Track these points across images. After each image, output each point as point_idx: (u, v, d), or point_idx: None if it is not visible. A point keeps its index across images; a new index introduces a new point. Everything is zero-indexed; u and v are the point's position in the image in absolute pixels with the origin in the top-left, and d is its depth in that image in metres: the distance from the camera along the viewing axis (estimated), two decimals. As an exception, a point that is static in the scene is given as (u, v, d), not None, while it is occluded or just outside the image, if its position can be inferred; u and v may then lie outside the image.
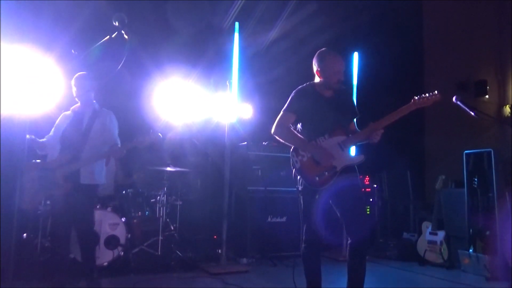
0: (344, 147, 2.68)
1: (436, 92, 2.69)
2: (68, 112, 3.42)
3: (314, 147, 2.67)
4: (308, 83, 2.86)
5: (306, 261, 2.80)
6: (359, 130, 2.83)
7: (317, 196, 2.66)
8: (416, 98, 2.73)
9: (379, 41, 6.24)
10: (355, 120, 2.95)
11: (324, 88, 2.79)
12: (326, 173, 2.63)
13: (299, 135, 2.75)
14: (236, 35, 4.78)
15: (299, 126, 2.79)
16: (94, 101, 3.39)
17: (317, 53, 2.84)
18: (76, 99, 3.33)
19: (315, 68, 2.81)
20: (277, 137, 2.76)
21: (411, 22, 6.97)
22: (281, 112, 2.77)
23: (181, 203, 4.57)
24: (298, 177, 2.76)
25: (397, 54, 6.19)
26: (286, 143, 2.77)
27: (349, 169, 2.70)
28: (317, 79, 2.83)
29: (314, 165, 2.66)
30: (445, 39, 6.92)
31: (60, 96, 3.65)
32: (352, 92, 2.87)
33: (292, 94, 2.81)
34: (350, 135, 2.74)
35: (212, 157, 5.07)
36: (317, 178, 2.64)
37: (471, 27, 6.84)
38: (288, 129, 2.75)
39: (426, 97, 2.74)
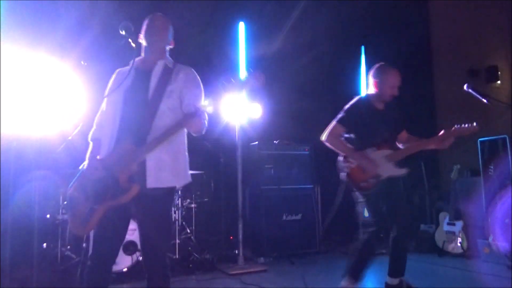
0: (391, 159, 2.93)
1: (475, 124, 2.89)
2: (126, 68, 2.21)
3: (361, 156, 2.91)
4: (362, 96, 3.12)
5: (366, 250, 3.01)
6: (413, 138, 3.14)
7: (363, 200, 2.98)
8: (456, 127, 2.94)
9: (385, 30, 6.18)
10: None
11: (377, 100, 3.05)
12: (372, 180, 2.88)
13: (347, 144, 2.98)
14: (242, 35, 4.79)
15: (351, 135, 3.02)
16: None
17: (377, 66, 3.09)
18: (145, 45, 2.19)
19: (372, 79, 3.05)
20: (326, 144, 3.01)
21: (418, 9, 6.89)
22: (334, 122, 3.00)
23: (195, 205, 4.60)
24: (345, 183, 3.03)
25: (404, 43, 6.13)
26: (335, 150, 3.02)
27: (394, 178, 2.94)
28: (370, 91, 3.08)
29: (361, 172, 2.91)
30: (453, 26, 6.82)
31: (77, 111, 3.61)
32: (400, 106, 3.18)
33: (347, 108, 3.04)
34: (397, 149, 3.01)
35: (224, 158, 5.09)
36: (363, 184, 2.91)
37: (479, 12, 6.73)
38: (338, 139, 2.98)
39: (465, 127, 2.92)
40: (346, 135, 3.05)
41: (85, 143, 2.27)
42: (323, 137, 3.01)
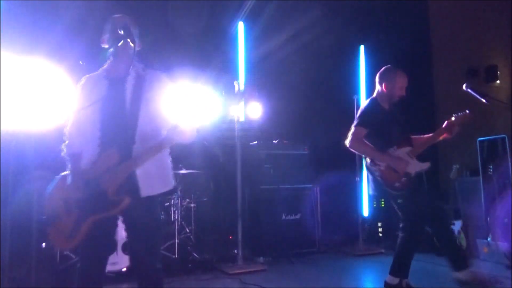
0: (413, 155, 3.03)
1: (467, 111, 3.06)
2: (96, 74, 2.16)
3: (389, 157, 2.99)
4: (370, 99, 3.20)
5: (405, 246, 3.06)
6: (416, 137, 3.19)
7: (399, 201, 3.01)
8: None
9: (385, 30, 6.18)
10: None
11: (385, 101, 3.15)
12: (404, 179, 2.94)
13: (373, 147, 3.02)
14: (241, 35, 4.78)
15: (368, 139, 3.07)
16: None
17: (385, 69, 3.18)
18: (111, 50, 2.12)
19: (381, 81, 3.14)
20: (351, 149, 3.05)
21: (417, 9, 6.88)
22: (353, 128, 3.04)
23: (195, 205, 4.60)
24: (373, 183, 3.06)
25: (404, 43, 6.13)
26: (362, 155, 3.11)
27: (420, 174, 3.06)
28: (377, 93, 3.17)
29: (392, 173, 2.97)
30: (453, 25, 6.82)
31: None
32: (400, 107, 3.32)
33: (362, 110, 3.12)
34: (415, 145, 3.08)
35: (223, 158, 5.09)
36: (397, 184, 2.95)
37: (478, 12, 6.74)
38: (363, 142, 3.02)
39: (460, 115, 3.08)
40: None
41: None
42: (347, 143, 3.04)
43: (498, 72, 6.91)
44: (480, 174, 4.82)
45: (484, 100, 2.93)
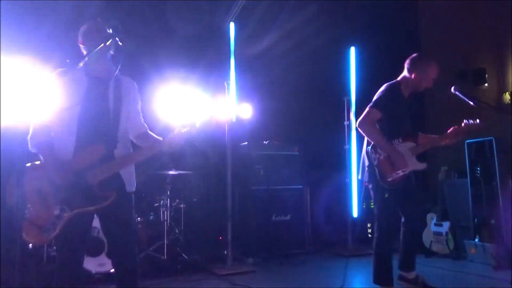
0: (414, 153, 2.94)
1: (478, 121, 3.05)
2: (74, 69, 2.10)
3: (393, 149, 2.88)
4: (395, 81, 3.01)
5: (379, 252, 2.98)
6: (422, 134, 3.13)
7: (386, 195, 2.88)
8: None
9: (374, 33, 6.21)
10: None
11: (407, 89, 3.00)
12: (400, 172, 2.86)
13: (382, 134, 2.90)
14: (232, 36, 4.77)
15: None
16: None
17: (420, 56, 3.01)
18: (88, 52, 2.08)
19: (412, 69, 2.97)
20: (360, 130, 2.92)
21: (407, 13, 6.94)
22: (368, 108, 2.89)
23: (184, 206, 4.57)
24: (369, 170, 2.93)
25: (393, 46, 6.17)
26: (367, 138, 2.93)
27: (413, 173, 2.99)
28: (402, 78, 3.01)
29: (389, 165, 2.88)
30: (442, 28, 6.89)
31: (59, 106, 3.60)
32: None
33: (382, 90, 2.94)
34: (419, 143, 3.01)
35: (213, 158, 5.07)
36: (390, 178, 2.85)
37: (467, 15, 6.82)
38: (374, 125, 2.89)
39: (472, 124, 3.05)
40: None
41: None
42: (357, 123, 2.93)
43: (486, 75, 7.00)
44: (468, 175, 4.87)
45: (471, 103, 2.96)
